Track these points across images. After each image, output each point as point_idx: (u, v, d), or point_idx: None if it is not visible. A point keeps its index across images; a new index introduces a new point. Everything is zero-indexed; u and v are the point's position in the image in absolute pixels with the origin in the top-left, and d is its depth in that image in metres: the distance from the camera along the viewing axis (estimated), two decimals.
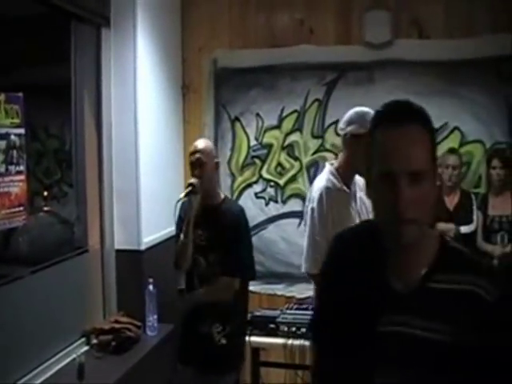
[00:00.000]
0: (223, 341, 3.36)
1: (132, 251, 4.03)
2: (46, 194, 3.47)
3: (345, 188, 3.12)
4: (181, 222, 3.40)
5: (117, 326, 3.74)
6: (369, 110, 3.00)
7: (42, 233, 3.91)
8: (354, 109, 3.15)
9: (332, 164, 3.21)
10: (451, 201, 4.53)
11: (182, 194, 3.35)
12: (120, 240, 4.06)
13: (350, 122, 3.09)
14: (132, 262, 4.02)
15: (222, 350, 3.37)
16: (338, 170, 3.14)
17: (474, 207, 4.53)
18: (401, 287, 1.40)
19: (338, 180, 3.11)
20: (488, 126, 4.56)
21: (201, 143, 3.44)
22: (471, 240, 4.40)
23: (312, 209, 3.11)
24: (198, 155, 3.35)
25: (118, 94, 4.00)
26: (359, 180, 3.16)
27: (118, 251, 4.06)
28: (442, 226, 4.19)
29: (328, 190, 3.07)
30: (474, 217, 4.50)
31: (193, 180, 3.33)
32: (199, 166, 3.35)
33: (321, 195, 3.08)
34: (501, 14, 4.44)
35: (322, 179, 3.15)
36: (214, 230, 3.38)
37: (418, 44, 4.64)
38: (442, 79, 4.59)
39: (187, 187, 3.33)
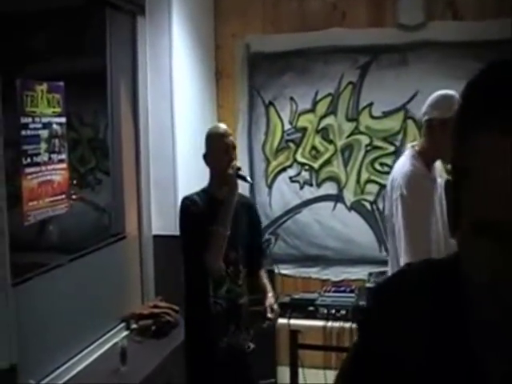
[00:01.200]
0: (251, 345, 3.19)
1: (170, 236, 4.06)
2: (74, 182, 3.49)
3: (428, 173, 3.04)
4: (195, 217, 3.03)
5: (156, 310, 3.80)
6: (455, 94, 2.93)
7: (77, 220, 3.97)
8: (439, 92, 3.06)
9: (413, 147, 3.11)
10: None
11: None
12: (158, 226, 4.12)
13: (435, 107, 3.01)
14: (170, 247, 4.06)
15: (252, 355, 3.19)
16: (420, 154, 3.04)
17: None
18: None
19: (422, 165, 3.03)
20: None
21: (226, 126, 3.24)
22: None
23: (402, 195, 2.93)
24: (231, 138, 3.15)
25: (154, 82, 4.04)
26: (438, 165, 3.12)
27: (156, 237, 4.12)
28: None
29: (416, 176, 2.96)
30: None
31: (238, 164, 3.12)
32: (233, 149, 3.12)
33: (409, 181, 2.94)
34: None
35: (406, 164, 3.02)
36: (237, 225, 3.10)
37: (452, 25, 4.59)
38: (476, 61, 4.52)
39: (236, 171, 3.05)
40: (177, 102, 4.09)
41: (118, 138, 4.02)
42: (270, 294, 3.23)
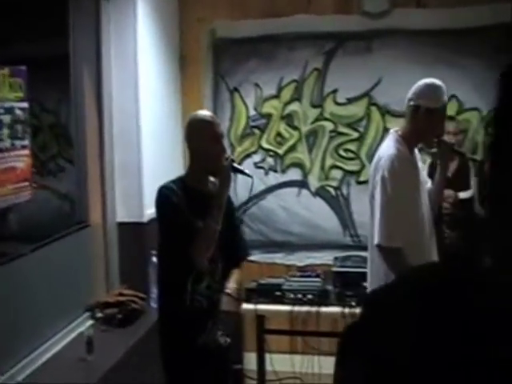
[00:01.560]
0: (228, 339, 3.06)
1: (134, 224, 4.05)
2: (34, 170, 3.41)
3: (410, 156, 3.13)
4: (178, 208, 2.85)
5: (121, 298, 3.78)
6: (441, 84, 3.06)
7: (39, 209, 3.90)
8: (425, 81, 3.11)
9: (397, 131, 3.17)
10: (450, 167, 4.57)
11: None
12: (122, 213, 4.08)
13: (423, 95, 3.07)
14: (135, 234, 4.05)
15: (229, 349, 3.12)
16: (404, 138, 3.11)
17: (472, 173, 4.58)
18: None
19: (405, 148, 3.09)
20: (485, 94, 4.59)
21: (212, 113, 3.16)
22: (469, 206, 4.46)
23: (383, 177, 2.97)
24: (221, 128, 3.02)
25: (119, 67, 3.98)
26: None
27: (121, 224, 4.08)
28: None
29: (399, 158, 3.01)
30: (472, 183, 4.55)
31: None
32: (223, 138, 2.99)
33: (392, 163, 2.98)
34: None
35: (391, 147, 3.07)
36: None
37: (416, 13, 4.65)
38: (439, 48, 4.61)
39: (230, 162, 2.93)
40: (142, 88, 4.04)
41: (82, 125, 3.96)
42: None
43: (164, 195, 2.88)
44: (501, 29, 4.48)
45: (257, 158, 4.90)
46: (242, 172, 3.15)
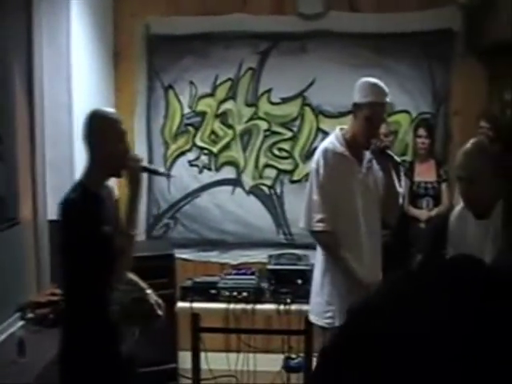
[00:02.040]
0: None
1: None
2: None
3: (347, 153, 3.18)
4: (94, 227, 2.58)
5: (53, 298, 3.67)
6: (377, 83, 3.16)
7: None
8: (367, 80, 3.20)
9: (341, 129, 3.28)
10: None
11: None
12: (53, 210, 3.95)
13: (355, 91, 3.17)
14: None
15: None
16: (346, 136, 3.23)
17: (402, 173, 4.70)
18: None
19: (342, 144, 3.20)
20: (414, 97, 4.77)
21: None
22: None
23: (311, 169, 3.27)
24: (124, 126, 2.78)
25: (51, 62, 3.87)
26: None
27: (52, 222, 3.96)
28: None
29: (326, 152, 3.18)
30: (402, 183, 4.67)
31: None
32: (126, 137, 2.78)
33: (319, 156, 3.19)
34: None
35: (326, 141, 3.30)
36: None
37: (349, 16, 4.76)
38: (371, 51, 4.75)
39: (138, 163, 2.75)
40: (75, 82, 3.95)
41: (12, 121, 3.82)
42: (149, 291, 2.89)
43: (72, 213, 2.60)
44: (431, 34, 4.67)
45: (191, 156, 4.88)
46: (155, 172, 3.07)
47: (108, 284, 2.65)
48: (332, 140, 3.25)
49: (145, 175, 2.94)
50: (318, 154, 3.23)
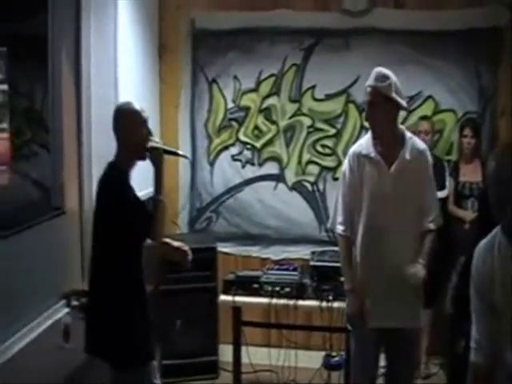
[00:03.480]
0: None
1: None
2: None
3: (373, 154, 3.14)
4: (136, 201, 3.00)
5: None
6: (377, 71, 3.19)
7: (13, 194, 3.79)
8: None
9: None
10: None
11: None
12: None
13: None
14: None
15: None
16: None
17: (447, 173, 4.63)
18: None
19: (368, 145, 3.17)
20: (460, 96, 4.71)
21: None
22: (444, 205, 4.51)
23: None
24: (146, 114, 3.08)
25: (98, 53, 3.88)
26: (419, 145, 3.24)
27: None
28: None
29: (350, 156, 3.22)
30: (447, 183, 4.61)
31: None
32: (147, 123, 3.10)
33: (346, 159, 3.26)
34: None
35: (355, 144, 3.34)
36: None
37: (394, 13, 4.73)
38: (417, 49, 4.71)
39: (158, 145, 3.07)
40: (121, 74, 3.97)
41: (59, 109, 3.83)
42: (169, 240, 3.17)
43: (117, 186, 2.98)
44: (477, 32, 4.60)
45: (234, 150, 4.89)
46: (175, 153, 3.28)
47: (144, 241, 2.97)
48: (361, 142, 3.27)
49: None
50: (346, 158, 3.29)
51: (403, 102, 3.14)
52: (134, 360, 2.93)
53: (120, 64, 3.97)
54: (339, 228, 3.24)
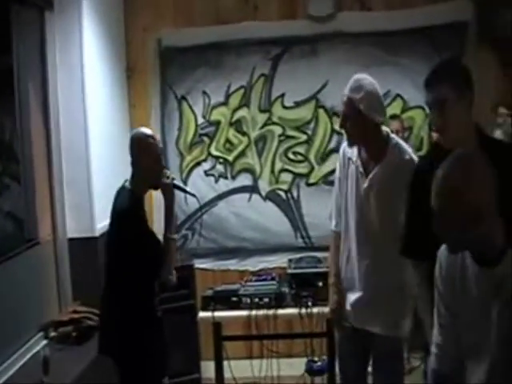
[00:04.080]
0: None
1: (86, 238, 4.00)
2: None
3: (354, 159, 3.07)
4: (146, 225, 3.12)
5: (75, 316, 3.74)
6: (355, 78, 3.05)
7: None
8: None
9: None
10: None
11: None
12: (73, 229, 4.02)
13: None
14: (87, 249, 3.99)
15: None
16: None
17: None
18: None
19: (353, 148, 3.09)
20: None
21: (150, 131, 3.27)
22: None
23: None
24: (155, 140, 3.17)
25: (65, 80, 3.91)
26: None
27: (72, 240, 4.02)
28: None
29: (342, 152, 3.19)
30: None
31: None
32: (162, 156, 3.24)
33: (339, 153, 3.24)
34: None
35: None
36: None
37: (360, 16, 4.76)
38: (384, 49, 4.74)
39: (171, 180, 3.18)
40: (89, 100, 3.98)
41: (28, 140, 3.87)
42: None
43: (135, 218, 3.05)
44: (441, 28, 4.65)
45: (206, 165, 4.92)
46: (184, 190, 3.40)
47: (156, 278, 3.12)
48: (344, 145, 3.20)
49: None
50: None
51: (376, 116, 2.93)
52: None
53: (88, 91, 3.98)
54: (331, 223, 3.26)
